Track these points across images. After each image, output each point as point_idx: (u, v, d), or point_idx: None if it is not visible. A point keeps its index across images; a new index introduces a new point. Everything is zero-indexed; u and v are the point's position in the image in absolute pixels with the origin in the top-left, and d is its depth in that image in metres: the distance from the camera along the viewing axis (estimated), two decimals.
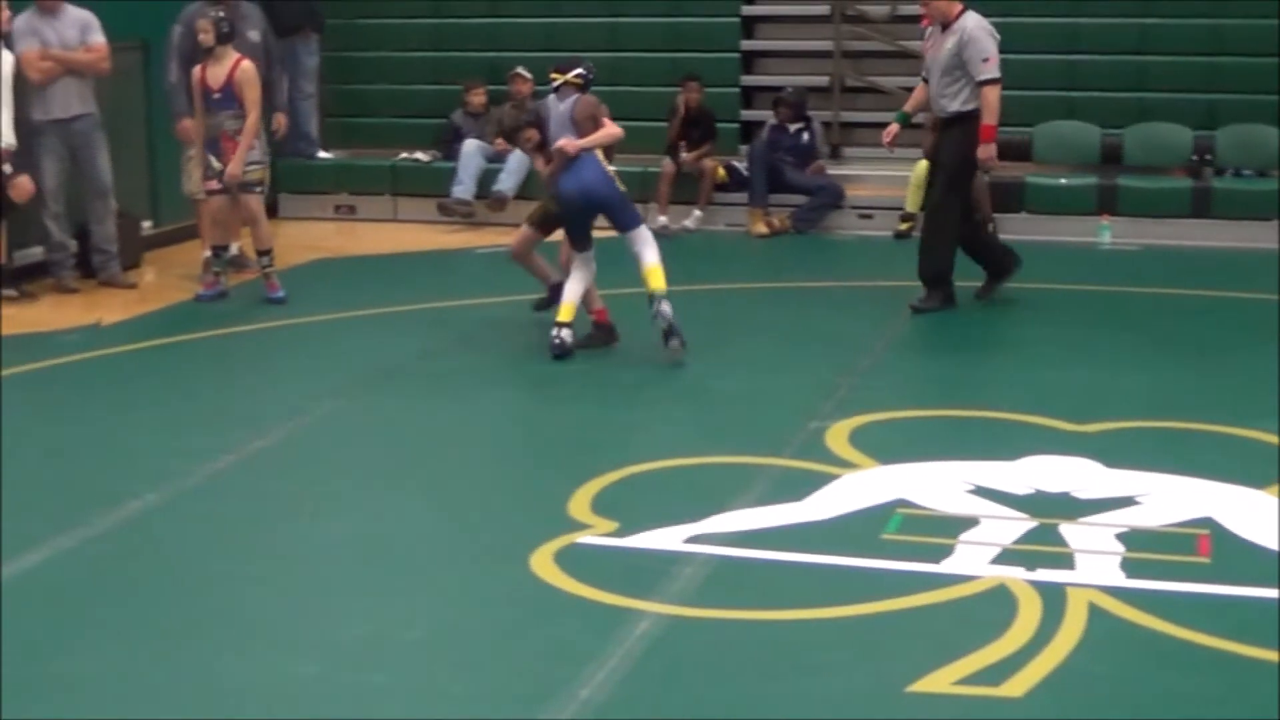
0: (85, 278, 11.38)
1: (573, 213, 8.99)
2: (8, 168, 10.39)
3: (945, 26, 10.17)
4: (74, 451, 7.57)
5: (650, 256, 8.97)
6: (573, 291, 9.03)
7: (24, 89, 10.78)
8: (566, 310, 9.00)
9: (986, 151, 10.11)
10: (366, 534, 6.34)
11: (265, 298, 10.72)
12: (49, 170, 11.00)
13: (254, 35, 11.62)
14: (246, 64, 10.61)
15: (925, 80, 10.47)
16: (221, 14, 10.64)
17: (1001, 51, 9.59)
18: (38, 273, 11.31)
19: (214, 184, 10.66)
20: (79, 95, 11.03)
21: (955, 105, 10.11)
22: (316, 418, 7.97)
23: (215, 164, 10.61)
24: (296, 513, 6.60)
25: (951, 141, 10.20)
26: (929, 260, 10.29)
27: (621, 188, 9.01)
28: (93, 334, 9.90)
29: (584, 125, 8.97)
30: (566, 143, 8.90)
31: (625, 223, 9.01)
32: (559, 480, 6.78)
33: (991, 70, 10.01)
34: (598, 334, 9.25)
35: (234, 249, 11.31)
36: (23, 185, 10.50)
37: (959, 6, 10.17)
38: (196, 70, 10.60)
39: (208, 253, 11.03)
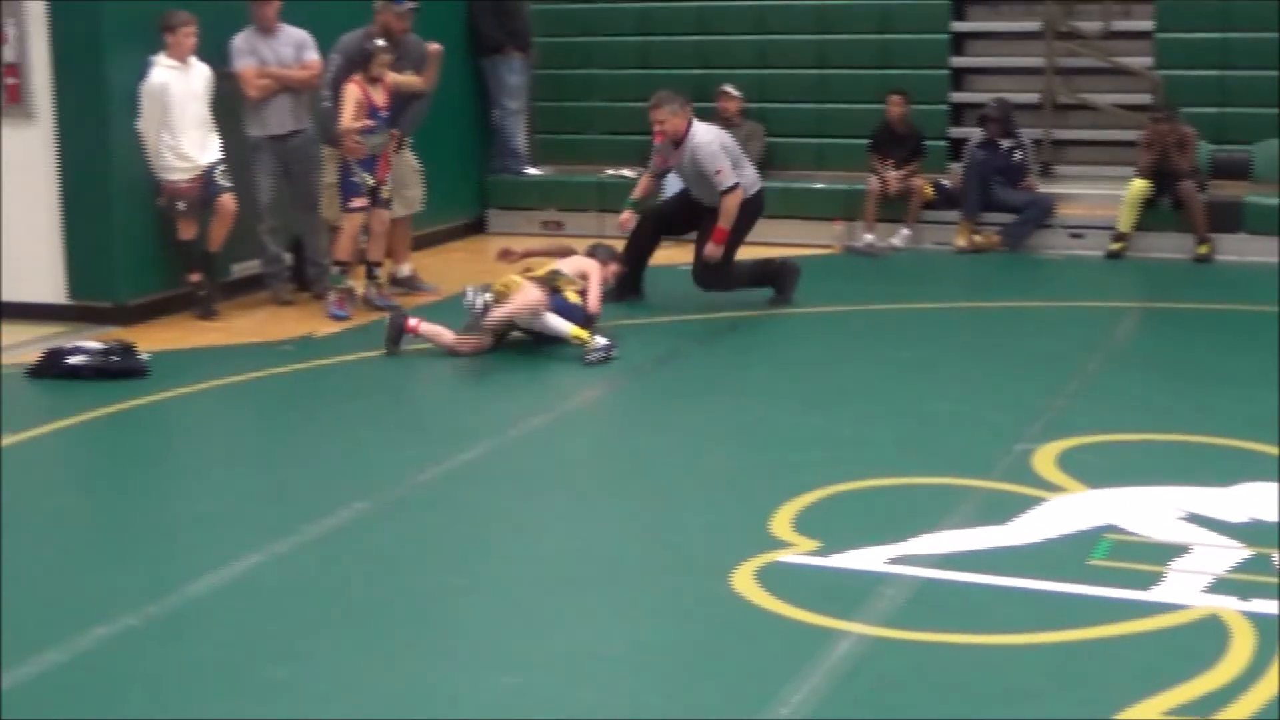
0: (299, 290, 11.64)
1: None
2: (182, 205, 10.65)
3: (677, 143, 10.68)
4: (286, 459, 7.77)
5: None
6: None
7: (241, 106, 11.06)
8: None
9: (713, 250, 10.68)
10: (570, 547, 6.40)
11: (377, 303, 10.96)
12: (264, 185, 11.24)
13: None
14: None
15: (654, 174, 11.31)
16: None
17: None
18: (254, 285, 11.60)
19: (364, 200, 10.78)
20: (294, 112, 11.26)
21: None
22: (522, 431, 8.05)
23: (369, 180, 10.75)
24: (501, 526, 6.69)
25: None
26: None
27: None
28: (306, 346, 10.12)
29: None
30: None
31: None
32: (762, 498, 6.77)
33: (725, 180, 10.56)
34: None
35: (406, 269, 11.51)
36: (188, 227, 10.76)
37: (684, 122, 10.65)
38: (356, 89, 10.64)
39: (337, 269, 10.97)
